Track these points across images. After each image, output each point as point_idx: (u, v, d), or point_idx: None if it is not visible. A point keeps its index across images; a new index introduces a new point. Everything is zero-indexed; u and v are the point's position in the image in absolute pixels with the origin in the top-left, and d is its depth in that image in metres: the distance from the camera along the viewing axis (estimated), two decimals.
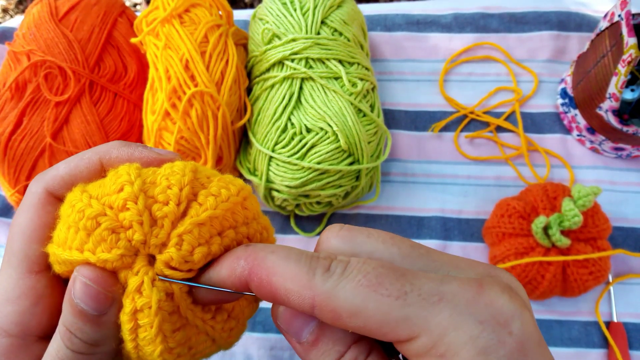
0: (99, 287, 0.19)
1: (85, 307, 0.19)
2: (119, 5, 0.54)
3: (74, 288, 0.19)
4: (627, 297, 0.48)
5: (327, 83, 0.46)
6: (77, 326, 0.20)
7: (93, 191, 0.20)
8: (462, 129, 0.57)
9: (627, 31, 0.45)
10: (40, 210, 0.21)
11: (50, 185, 0.22)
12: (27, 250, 0.21)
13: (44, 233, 0.21)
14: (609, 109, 0.48)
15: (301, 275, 0.17)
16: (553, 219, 0.43)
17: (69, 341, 0.20)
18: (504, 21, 0.61)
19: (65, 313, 0.20)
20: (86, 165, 0.22)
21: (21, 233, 0.21)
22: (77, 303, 0.19)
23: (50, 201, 0.22)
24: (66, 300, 0.20)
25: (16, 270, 0.21)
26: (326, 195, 0.47)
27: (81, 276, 0.19)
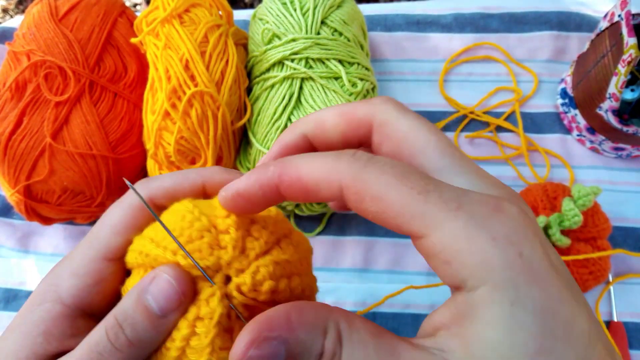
0: (179, 288, 0.20)
1: (153, 305, 0.20)
2: (119, 5, 0.54)
3: (152, 284, 0.21)
4: (627, 296, 0.48)
5: (327, 83, 0.46)
6: (132, 321, 0.21)
7: (203, 208, 0.22)
8: (462, 129, 0.57)
9: (627, 31, 0.45)
10: (137, 212, 0.23)
11: (153, 194, 0.24)
12: (111, 240, 0.23)
13: (132, 231, 0.23)
14: (609, 109, 0.48)
15: (328, 164, 0.18)
16: (553, 218, 0.43)
17: (114, 335, 0.21)
18: (504, 21, 0.61)
19: (125, 306, 0.21)
20: (190, 184, 0.24)
21: (112, 224, 0.23)
22: (146, 299, 0.20)
23: (146, 215, 0.24)
24: (132, 294, 0.21)
25: (94, 252, 0.23)
26: None
27: (166, 274, 0.21)
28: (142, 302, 0.21)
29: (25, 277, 0.53)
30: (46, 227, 0.55)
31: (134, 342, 0.21)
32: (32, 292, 0.23)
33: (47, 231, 0.55)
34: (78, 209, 0.49)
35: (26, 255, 0.54)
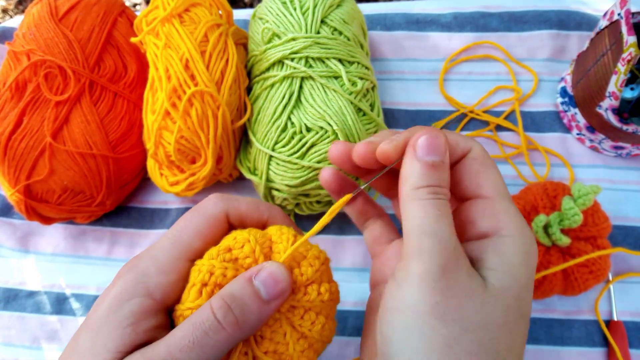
0: (286, 278, 0.25)
1: (261, 289, 0.24)
2: (119, 5, 0.54)
3: (262, 271, 0.24)
4: (627, 295, 0.48)
5: (327, 82, 0.46)
6: (241, 302, 0.23)
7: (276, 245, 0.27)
8: (462, 128, 0.57)
9: (627, 30, 0.45)
10: (216, 223, 0.27)
11: (230, 211, 0.28)
12: (194, 242, 0.26)
13: (210, 239, 0.27)
14: (608, 107, 0.48)
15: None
16: (553, 217, 0.43)
17: (223, 314, 0.23)
18: (504, 20, 0.61)
19: (233, 289, 0.24)
20: (258, 217, 0.29)
21: (196, 229, 0.26)
22: (255, 283, 0.24)
23: (225, 220, 0.28)
24: (240, 279, 0.24)
25: (177, 252, 0.26)
26: (326, 194, 0.47)
27: (275, 266, 0.25)
28: (252, 286, 0.24)
29: (25, 277, 0.53)
30: (46, 227, 0.55)
31: (240, 323, 0.23)
32: (111, 288, 0.25)
33: (47, 231, 0.55)
34: (78, 209, 0.49)
35: (26, 255, 0.54)
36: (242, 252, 0.25)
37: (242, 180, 0.54)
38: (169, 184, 0.49)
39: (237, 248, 0.26)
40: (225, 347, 0.23)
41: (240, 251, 0.25)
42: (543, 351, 0.47)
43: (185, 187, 0.48)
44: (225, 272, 0.25)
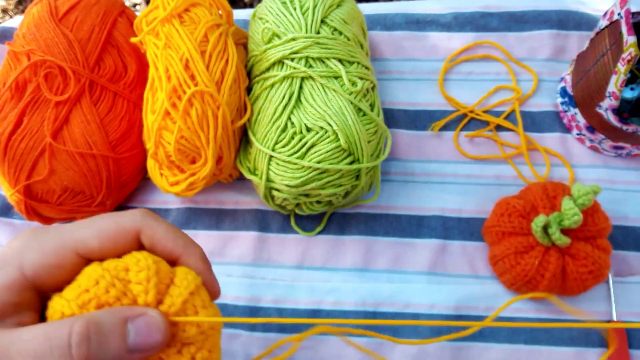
0: (161, 335, 0.23)
1: (131, 335, 0.22)
2: (119, 5, 0.54)
3: (140, 318, 0.22)
4: (627, 296, 0.48)
5: (327, 82, 0.46)
6: (103, 340, 0.21)
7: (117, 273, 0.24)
8: (461, 128, 0.57)
9: (627, 30, 0.45)
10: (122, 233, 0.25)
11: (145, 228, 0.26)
12: (89, 240, 0.24)
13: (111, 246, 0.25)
14: (608, 107, 0.48)
15: None
16: (553, 217, 0.43)
17: (77, 342, 0.21)
18: (504, 20, 0.61)
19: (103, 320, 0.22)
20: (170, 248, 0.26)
21: (99, 229, 0.25)
22: (128, 328, 0.22)
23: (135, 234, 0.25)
24: (117, 314, 0.22)
25: (67, 240, 0.24)
26: (326, 195, 0.47)
27: (157, 316, 0.23)
28: (123, 328, 0.21)
29: None
30: None
31: (91, 358, 0.21)
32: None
33: None
34: (78, 209, 0.49)
35: None
36: (137, 276, 0.23)
37: (242, 180, 0.54)
38: (169, 184, 0.49)
39: (134, 271, 0.23)
40: None
41: (136, 275, 0.23)
42: (542, 352, 0.47)
43: (185, 187, 0.48)
44: (110, 289, 0.23)
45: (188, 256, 0.26)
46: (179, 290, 0.24)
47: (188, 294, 0.24)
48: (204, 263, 0.26)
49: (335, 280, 0.50)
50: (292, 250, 0.52)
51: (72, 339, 0.21)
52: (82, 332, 0.21)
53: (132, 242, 0.25)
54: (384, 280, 0.50)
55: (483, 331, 0.48)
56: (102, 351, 0.21)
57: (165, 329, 0.22)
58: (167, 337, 0.23)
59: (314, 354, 0.48)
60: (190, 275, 0.25)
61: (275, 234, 0.53)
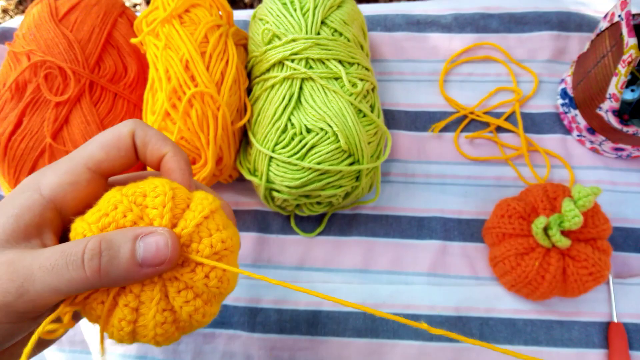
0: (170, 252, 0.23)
1: (140, 252, 0.23)
2: (119, 5, 0.54)
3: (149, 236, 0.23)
4: (627, 297, 0.48)
5: (327, 83, 0.46)
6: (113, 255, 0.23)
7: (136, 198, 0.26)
8: (462, 129, 0.57)
9: (627, 31, 0.45)
10: (120, 137, 0.27)
11: (137, 130, 0.27)
12: (95, 152, 0.26)
13: (115, 152, 0.27)
14: (609, 109, 0.48)
15: None
16: (553, 219, 0.43)
17: (89, 256, 0.22)
18: (504, 21, 0.61)
19: (114, 238, 0.23)
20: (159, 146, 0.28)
21: (100, 140, 0.27)
22: (138, 245, 0.23)
23: (128, 137, 0.27)
24: (128, 233, 0.23)
25: (78, 157, 0.26)
26: (326, 196, 0.47)
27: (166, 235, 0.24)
28: (133, 245, 0.23)
29: None
30: None
31: (102, 272, 0.22)
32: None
33: None
34: None
35: None
36: (153, 202, 0.24)
37: (242, 181, 0.54)
38: None
39: (151, 196, 0.25)
40: (80, 286, 0.23)
41: (152, 201, 0.24)
42: (543, 353, 0.47)
43: None
44: (128, 213, 0.24)
45: (174, 155, 0.27)
46: (193, 214, 0.25)
47: (201, 218, 0.25)
48: (186, 165, 0.28)
49: (336, 281, 0.50)
50: (292, 251, 0.52)
51: (85, 255, 0.22)
52: (94, 248, 0.22)
53: (127, 141, 0.27)
54: (384, 281, 0.50)
55: (483, 332, 0.48)
56: (113, 265, 0.23)
57: (174, 246, 0.23)
58: (176, 255, 0.24)
59: (314, 354, 0.48)
60: (207, 200, 0.26)
61: (275, 235, 0.53)
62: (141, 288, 0.24)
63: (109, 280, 0.23)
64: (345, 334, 0.48)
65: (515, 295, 0.49)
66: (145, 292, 0.24)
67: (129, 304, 0.24)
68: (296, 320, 0.49)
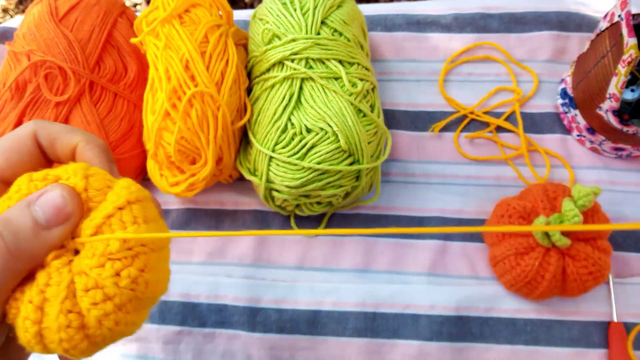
0: (69, 203, 0.22)
1: (40, 213, 0.21)
2: (119, 5, 0.54)
3: (43, 196, 0.22)
4: (627, 297, 0.48)
5: (327, 83, 0.46)
6: (15, 229, 0.21)
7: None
8: (462, 129, 0.57)
9: (627, 31, 0.45)
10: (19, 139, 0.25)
11: (39, 129, 0.25)
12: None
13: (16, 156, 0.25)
14: (609, 109, 0.48)
15: None
16: (553, 219, 0.43)
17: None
18: (504, 21, 0.61)
19: (8, 214, 0.21)
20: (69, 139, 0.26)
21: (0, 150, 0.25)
22: (34, 209, 0.21)
23: (33, 141, 0.25)
24: (19, 204, 0.22)
25: None
26: (326, 196, 0.47)
27: (59, 189, 0.22)
28: (29, 211, 0.21)
29: None
30: None
31: (12, 251, 0.21)
32: None
33: None
34: None
35: None
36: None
37: (242, 181, 0.54)
38: (169, 185, 0.49)
39: (63, 180, 0.23)
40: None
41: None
42: (543, 352, 0.47)
43: (185, 188, 0.48)
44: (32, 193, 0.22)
45: (87, 143, 0.25)
46: (105, 205, 0.23)
47: (114, 209, 0.22)
48: (102, 151, 0.26)
49: (335, 281, 0.50)
50: (292, 251, 0.52)
51: None
52: None
53: (28, 142, 0.25)
54: (384, 281, 0.50)
55: (483, 332, 0.48)
56: (20, 239, 0.21)
57: (72, 196, 0.22)
58: (76, 206, 0.22)
59: (314, 354, 0.48)
60: (127, 189, 0.23)
61: (275, 235, 0.53)
62: (47, 280, 0.22)
63: (24, 257, 0.21)
64: (345, 333, 0.48)
65: (515, 295, 0.49)
66: (51, 287, 0.21)
67: (32, 301, 0.21)
68: (296, 320, 0.49)
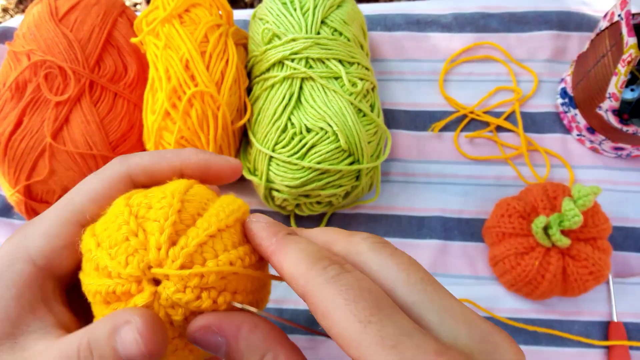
0: (145, 346, 0.19)
1: (120, 349, 0.19)
2: (119, 5, 0.54)
3: (124, 329, 0.19)
4: (627, 296, 0.48)
5: (327, 83, 0.46)
6: (101, 353, 0.20)
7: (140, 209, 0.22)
8: (462, 128, 0.57)
9: (627, 31, 0.45)
10: (114, 183, 0.23)
11: (132, 170, 0.24)
12: (86, 206, 0.23)
13: (108, 201, 0.23)
14: (608, 108, 0.48)
15: (302, 266, 0.19)
16: (553, 218, 0.43)
17: (84, 358, 0.20)
18: (504, 21, 0.61)
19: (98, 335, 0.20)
20: (167, 164, 0.24)
21: (89, 191, 0.23)
22: (115, 341, 0.19)
23: (126, 181, 0.24)
24: (107, 325, 0.20)
25: (67, 215, 0.23)
26: (326, 195, 0.47)
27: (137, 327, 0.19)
28: (112, 341, 0.20)
29: None
30: None
31: None
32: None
33: None
34: None
35: None
36: (156, 214, 0.21)
37: (242, 180, 0.54)
38: None
39: (156, 208, 0.21)
40: None
41: (156, 213, 0.21)
42: (543, 352, 0.47)
43: None
44: (123, 226, 0.21)
45: (188, 160, 0.24)
46: (197, 231, 0.21)
47: (206, 236, 0.21)
48: (202, 154, 0.25)
49: None
50: None
51: (80, 356, 0.20)
52: (85, 348, 0.20)
53: (124, 186, 0.24)
54: None
55: None
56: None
57: (153, 335, 0.19)
58: (155, 344, 0.19)
59: (314, 354, 0.48)
60: (221, 214, 0.22)
61: None
62: None
63: None
64: None
65: (515, 295, 0.49)
66: None
67: None
68: (296, 320, 0.49)
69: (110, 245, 0.21)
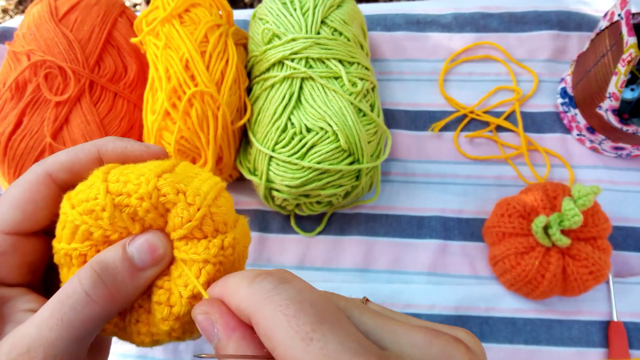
0: (162, 247, 0.22)
1: (135, 256, 0.22)
2: (119, 5, 0.54)
3: (137, 238, 0.22)
4: (627, 296, 0.48)
5: (327, 83, 0.46)
6: (112, 272, 0.21)
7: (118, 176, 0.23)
8: (462, 128, 0.57)
9: (627, 30, 0.45)
10: (34, 186, 0.24)
11: (49, 168, 0.24)
12: (8, 214, 0.23)
13: (30, 205, 0.23)
14: (608, 108, 0.48)
15: (243, 290, 0.19)
16: (553, 218, 0.43)
17: (92, 285, 0.20)
18: (504, 21, 0.61)
19: (104, 257, 0.21)
20: (85, 155, 0.24)
21: (10, 199, 0.23)
22: (129, 250, 0.22)
23: (47, 182, 0.24)
24: (114, 247, 0.22)
25: None
26: (326, 195, 0.47)
27: (151, 234, 0.22)
28: (125, 253, 0.21)
29: None
30: None
31: (112, 293, 0.21)
32: None
33: None
34: None
35: None
36: (137, 193, 0.22)
37: (242, 180, 0.54)
38: None
39: (134, 184, 0.22)
40: (98, 322, 0.21)
41: (136, 193, 0.22)
42: (542, 351, 0.47)
43: None
44: (106, 207, 0.22)
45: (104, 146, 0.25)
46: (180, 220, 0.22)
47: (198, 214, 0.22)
48: (119, 141, 0.25)
49: (336, 281, 0.50)
50: (292, 251, 0.52)
51: (86, 287, 0.20)
52: (91, 276, 0.21)
53: (50, 190, 0.24)
54: (384, 281, 0.50)
55: (483, 331, 0.48)
56: (119, 281, 0.21)
57: (164, 243, 0.22)
58: (168, 251, 0.22)
59: None
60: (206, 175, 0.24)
61: (275, 235, 0.53)
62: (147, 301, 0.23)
63: (121, 299, 0.21)
64: None
65: (515, 295, 0.49)
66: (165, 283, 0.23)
67: (161, 301, 0.22)
68: None
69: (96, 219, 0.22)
